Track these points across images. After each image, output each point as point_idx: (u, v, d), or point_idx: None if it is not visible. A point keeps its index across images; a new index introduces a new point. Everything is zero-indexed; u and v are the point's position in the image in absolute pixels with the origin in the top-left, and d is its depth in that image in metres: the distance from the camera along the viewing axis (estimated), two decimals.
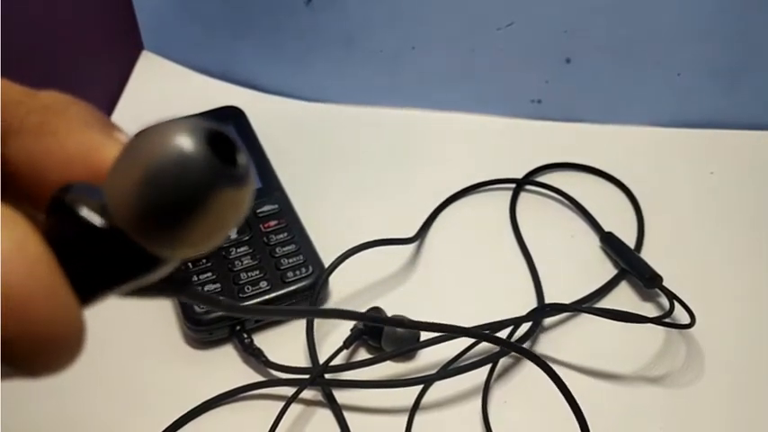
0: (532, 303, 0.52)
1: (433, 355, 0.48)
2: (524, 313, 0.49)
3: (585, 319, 0.50)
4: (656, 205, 0.58)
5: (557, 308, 0.50)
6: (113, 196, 0.14)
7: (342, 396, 0.47)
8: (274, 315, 0.49)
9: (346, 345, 0.48)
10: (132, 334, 0.51)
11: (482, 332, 0.47)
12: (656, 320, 0.47)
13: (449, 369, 0.47)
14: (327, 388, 0.47)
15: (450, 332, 0.45)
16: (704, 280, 0.52)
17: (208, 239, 0.14)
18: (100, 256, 0.14)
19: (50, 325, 0.12)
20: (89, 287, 0.14)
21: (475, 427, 0.46)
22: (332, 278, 0.51)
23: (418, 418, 0.46)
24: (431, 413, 0.46)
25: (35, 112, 0.17)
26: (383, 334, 0.48)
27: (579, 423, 0.40)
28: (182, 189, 0.13)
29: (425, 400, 0.47)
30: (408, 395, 0.46)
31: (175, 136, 0.13)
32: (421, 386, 0.47)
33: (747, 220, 0.57)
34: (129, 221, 0.14)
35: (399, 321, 0.31)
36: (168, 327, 0.51)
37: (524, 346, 0.48)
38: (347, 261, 0.50)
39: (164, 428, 0.45)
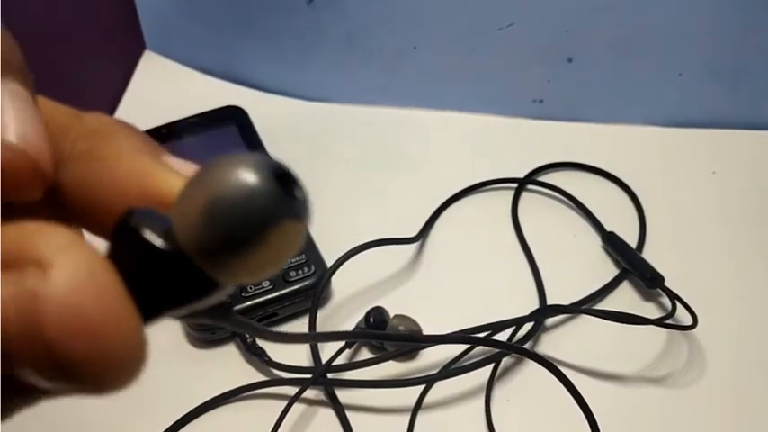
0: (534, 303, 0.52)
1: (435, 355, 0.48)
2: (526, 313, 0.49)
3: (587, 319, 0.50)
4: (657, 205, 0.58)
5: (558, 309, 0.50)
6: (182, 223, 0.15)
7: (344, 396, 0.47)
8: (315, 340, 0.49)
9: (348, 344, 0.48)
10: None
11: (484, 338, 0.47)
12: (658, 322, 0.47)
13: (451, 369, 0.47)
14: (330, 387, 0.47)
15: (451, 342, 0.46)
16: (706, 280, 0.52)
17: (266, 268, 0.15)
18: (163, 278, 0.15)
19: (119, 347, 0.13)
20: (151, 309, 0.15)
21: (478, 426, 0.46)
22: (334, 278, 0.51)
23: (421, 417, 0.46)
24: (433, 412, 0.46)
25: (83, 136, 0.17)
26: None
27: (589, 423, 0.40)
28: (248, 221, 0.14)
29: (428, 399, 0.47)
30: (411, 395, 0.47)
31: (245, 171, 0.14)
32: (423, 386, 0.47)
33: (749, 220, 0.57)
34: (195, 247, 0.15)
35: (404, 336, 0.31)
36: (171, 326, 0.51)
37: (526, 346, 0.48)
38: (349, 261, 0.50)
39: (165, 428, 0.45)
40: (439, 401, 0.47)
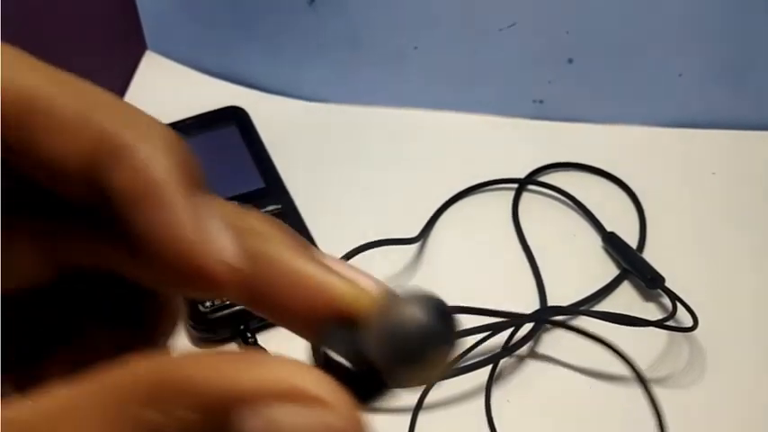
0: (535, 303, 0.52)
1: None
2: (528, 313, 0.49)
3: (587, 319, 0.50)
4: (658, 206, 0.58)
5: (558, 311, 0.50)
6: (373, 347, 0.19)
7: None
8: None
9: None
10: None
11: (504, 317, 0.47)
12: (659, 324, 0.47)
13: (450, 369, 0.47)
14: None
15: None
16: (706, 280, 0.52)
17: (426, 379, 0.20)
18: (357, 388, 0.18)
19: None
20: None
21: (478, 426, 0.46)
22: None
23: (421, 417, 0.46)
24: (433, 412, 0.46)
25: (248, 235, 0.19)
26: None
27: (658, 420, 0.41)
28: (421, 349, 0.19)
29: (427, 399, 0.47)
30: (411, 395, 0.46)
31: (419, 311, 0.19)
32: (423, 386, 0.47)
33: (749, 221, 0.57)
34: (381, 365, 0.19)
35: None
36: None
37: (526, 346, 0.48)
38: (350, 261, 0.50)
39: None
40: (439, 402, 0.47)
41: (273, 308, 0.20)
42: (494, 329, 0.48)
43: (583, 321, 0.50)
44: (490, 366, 0.47)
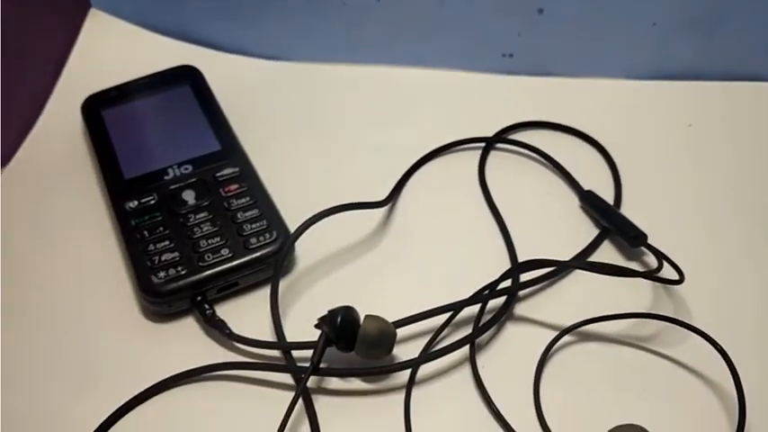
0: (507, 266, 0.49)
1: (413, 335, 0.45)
2: (504, 280, 0.47)
3: (565, 282, 0.48)
4: (632, 161, 0.56)
5: (535, 264, 0.47)
6: None
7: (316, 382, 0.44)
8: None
9: (316, 358, 0.43)
10: (84, 305, 0.48)
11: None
12: (647, 275, 0.45)
13: (431, 352, 0.44)
14: (298, 375, 0.44)
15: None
16: (685, 235, 0.50)
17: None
18: None
19: None
20: None
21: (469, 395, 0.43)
22: (298, 244, 0.48)
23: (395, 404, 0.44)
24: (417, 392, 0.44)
25: None
26: (358, 339, 0.43)
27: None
28: None
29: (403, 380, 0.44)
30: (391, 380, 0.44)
31: None
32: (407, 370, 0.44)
33: (727, 173, 0.55)
34: None
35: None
36: (124, 298, 0.48)
37: (506, 313, 0.46)
38: (314, 226, 0.47)
39: (117, 407, 0.42)
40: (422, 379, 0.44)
41: None
42: (458, 307, 0.45)
43: (561, 284, 0.48)
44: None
